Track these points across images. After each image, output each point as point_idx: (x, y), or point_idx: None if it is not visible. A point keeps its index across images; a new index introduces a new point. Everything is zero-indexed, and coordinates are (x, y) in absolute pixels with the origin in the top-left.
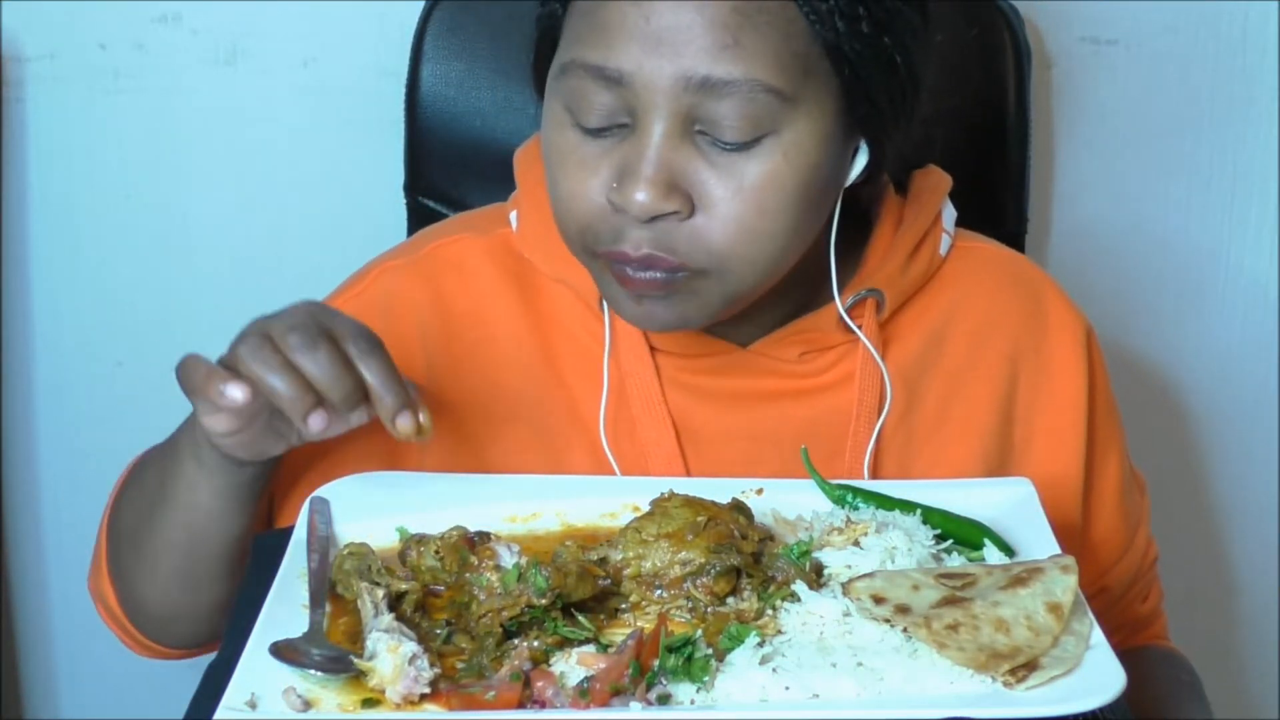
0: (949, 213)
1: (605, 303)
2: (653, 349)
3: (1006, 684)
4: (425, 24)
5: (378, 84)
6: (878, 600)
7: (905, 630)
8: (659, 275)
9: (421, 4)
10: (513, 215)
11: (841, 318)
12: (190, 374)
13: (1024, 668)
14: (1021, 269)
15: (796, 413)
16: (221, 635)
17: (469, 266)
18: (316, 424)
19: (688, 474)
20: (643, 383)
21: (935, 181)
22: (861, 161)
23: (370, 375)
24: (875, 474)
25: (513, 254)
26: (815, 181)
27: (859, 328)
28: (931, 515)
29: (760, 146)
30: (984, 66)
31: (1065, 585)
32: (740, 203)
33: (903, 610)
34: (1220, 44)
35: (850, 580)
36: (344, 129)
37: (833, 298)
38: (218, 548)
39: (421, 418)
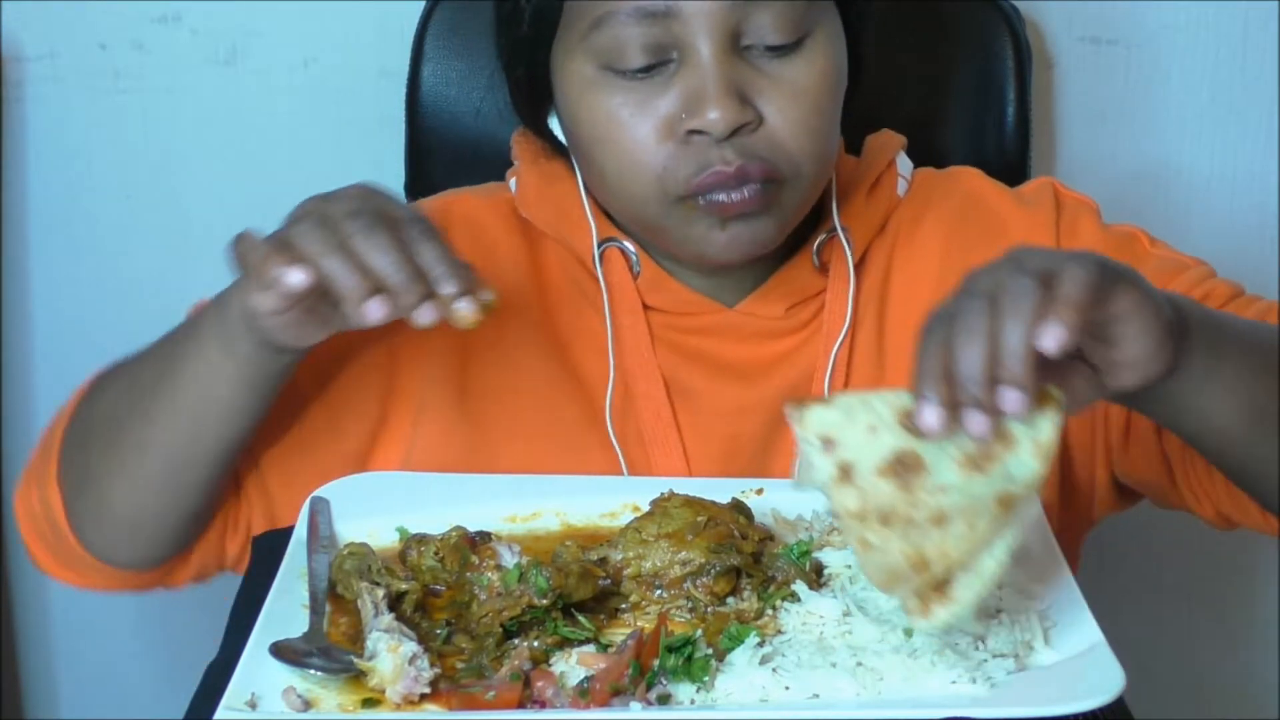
0: (904, 162)
1: (598, 259)
2: (645, 307)
3: (917, 611)
4: (425, 24)
5: (378, 84)
6: (826, 443)
7: (836, 523)
8: (755, 188)
9: (421, 4)
10: (512, 182)
11: (815, 260)
12: (248, 252)
13: (937, 591)
14: (957, 178)
15: (782, 368)
16: (179, 552)
17: (479, 220)
18: (375, 312)
19: (677, 427)
20: (635, 337)
21: (886, 139)
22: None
23: (427, 260)
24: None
25: (515, 214)
26: (844, 79)
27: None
28: None
29: (804, 48)
30: (984, 66)
31: (1029, 471)
32: (801, 103)
33: (845, 473)
34: (1220, 44)
35: (803, 405)
36: (344, 129)
37: (806, 245)
38: (216, 448)
39: (486, 296)
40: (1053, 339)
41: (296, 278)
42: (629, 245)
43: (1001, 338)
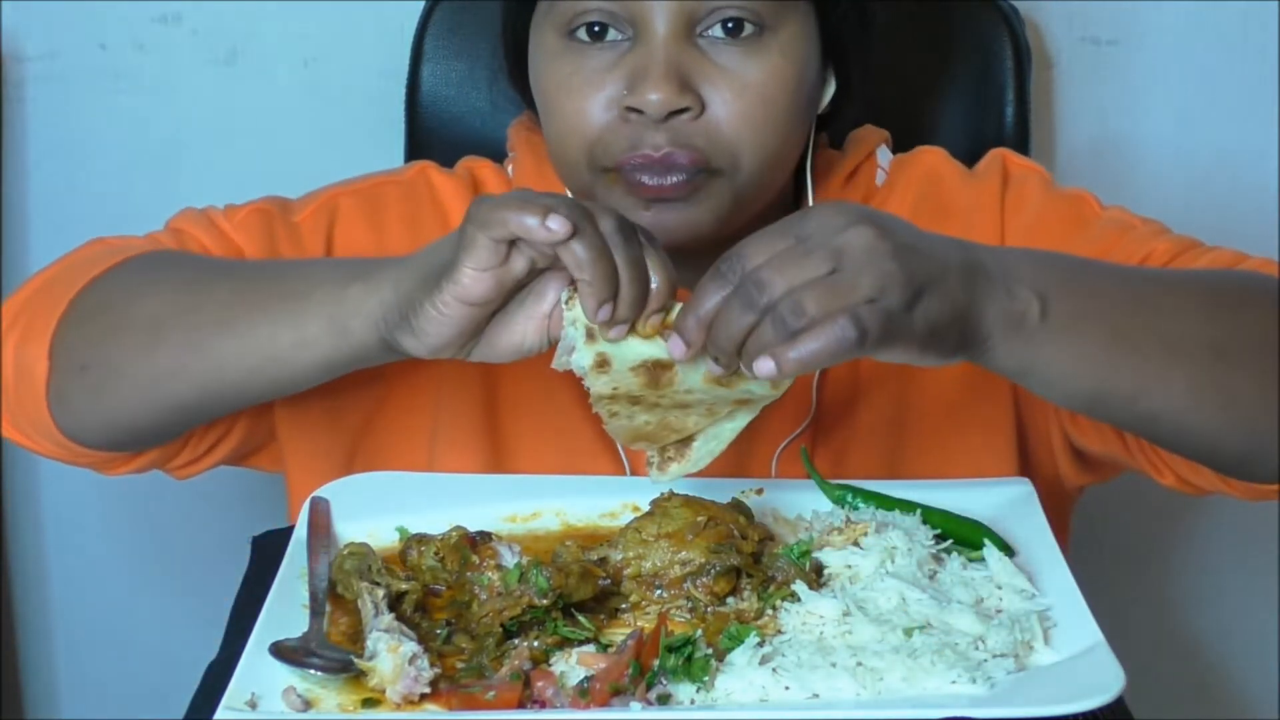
0: (885, 154)
1: None
2: None
3: (656, 468)
4: (425, 24)
5: (378, 84)
6: (590, 333)
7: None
8: (680, 178)
9: (421, 4)
10: (509, 168)
11: None
12: (500, 204)
13: (677, 449)
14: (920, 157)
15: None
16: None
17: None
18: (604, 316)
19: None
20: None
21: (867, 133)
22: (830, 91)
23: (658, 276)
24: (826, 393)
25: None
26: (806, 82)
27: None
28: (931, 515)
29: (760, 44)
30: (984, 66)
31: (766, 391)
32: (748, 96)
33: (603, 362)
34: (1220, 44)
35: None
36: (344, 129)
37: None
38: (257, 398)
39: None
40: (763, 370)
41: (559, 226)
42: None
43: (762, 329)
